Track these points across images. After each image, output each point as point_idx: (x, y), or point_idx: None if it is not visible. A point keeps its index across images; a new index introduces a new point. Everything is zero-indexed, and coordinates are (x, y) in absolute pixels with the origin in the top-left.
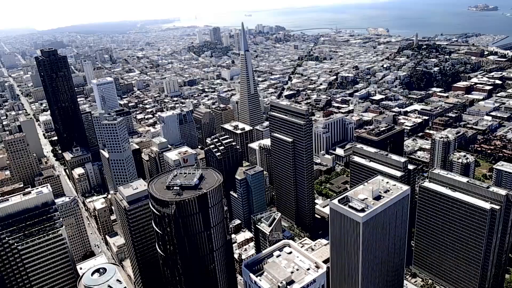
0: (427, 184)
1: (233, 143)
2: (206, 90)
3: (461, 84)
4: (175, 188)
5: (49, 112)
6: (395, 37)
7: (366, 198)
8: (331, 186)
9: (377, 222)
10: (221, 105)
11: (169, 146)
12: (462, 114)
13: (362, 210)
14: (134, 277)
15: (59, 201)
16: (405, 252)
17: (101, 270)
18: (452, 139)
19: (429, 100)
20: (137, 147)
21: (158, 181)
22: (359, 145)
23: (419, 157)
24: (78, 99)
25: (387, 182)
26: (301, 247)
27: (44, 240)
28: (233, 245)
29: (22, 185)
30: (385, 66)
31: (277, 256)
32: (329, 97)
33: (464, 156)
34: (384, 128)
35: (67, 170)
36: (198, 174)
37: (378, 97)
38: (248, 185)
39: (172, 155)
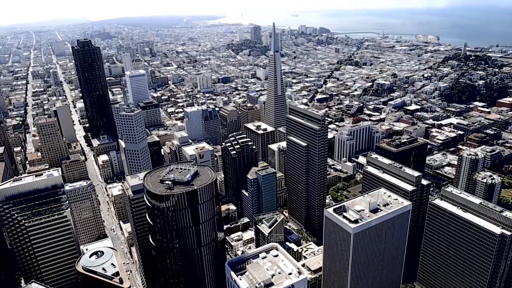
0: (438, 201)
1: (249, 143)
2: (239, 88)
3: (508, 100)
4: (167, 182)
5: None
6: (444, 45)
7: (363, 210)
8: (347, 193)
9: (370, 235)
10: (249, 104)
11: (190, 141)
12: (502, 132)
13: (356, 221)
14: (138, 262)
15: (77, 184)
16: (402, 268)
17: (99, 253)
18: (481, 157)
19: (468, 115)
20: (157, 139)
21: (155, 174)
22: (374, 155)
23: (445, 172)
24: (115, 89)
25: (389, 196)
26: (305, 251)
27: (50, 219)
28: (239, 242)
29: (47, 167)
30: (425, 75)
31: (263, 258)
32: (362, 104)
33: (490, 176)
34: (405, 140)
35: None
36: (192, 170)
37: (413, 107)
38: (259, 185)
39: (190, 150)
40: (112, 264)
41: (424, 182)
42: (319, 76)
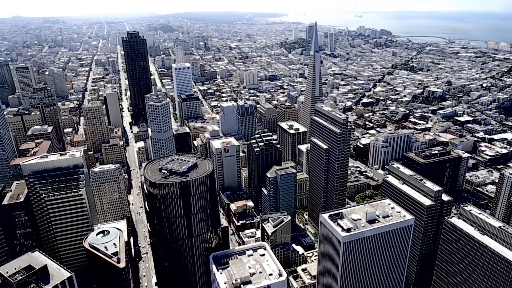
0: (455, 220)
1: (274, 141)
2: (285, 87)
3: None
4: (164, 171)
5: None
6: None
7: (359, 219)
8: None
9: (363, 245)
10: (287, 103)
11: (222, 135)
12: None
13: (348, 230)
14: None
15: (105, 167)
16: (402, 284)
17: (105, 232)
18: None
19: None
20: (187, 130)
21: (157, 163)
22: (396, 165)
23: (487, 191)
24: (165, 80)
25: (392, 208)
26: (314, 256)
27: (67, 196)
28: (252, 238)
29: (85, 148)
30: (484, 85)
31: (249, 256)
32: (408, 111)
33: None
34: (435, 152)
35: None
36: (191, 162)
37: (464, 118)
38: (277, 184)
39: (217, 143)
40: (114, 244)
41: (446, 198)
42: (369, 80)
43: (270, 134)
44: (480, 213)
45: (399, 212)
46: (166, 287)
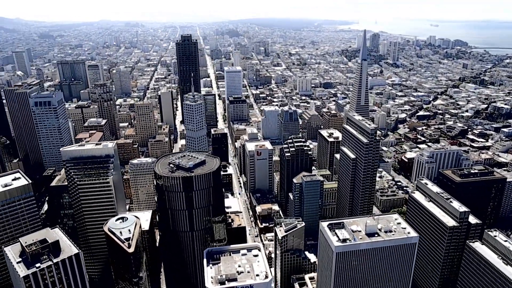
0: (477, 245)
1: (305, 147)
2: (338, 95)
3: None
4: (171, 165)
5: None
6: None
7: (359, 231)
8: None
9: (358, 258)
10: (333, 111)
11: (260, 137)
12: None
13: (343, 241)
14: None
15: (143, 160)
16: None
17: (124, 218)
18: None
19: None
20: (225, 132)
21: (169, 158)
22: (425, 181)
23: None
24: (220, 83)
25: (399, 223)
26: None
27: (95, 182)
28: (272, 242)
29: (131, 141)
30: None
31: (242, 255)
32: (467, 127)
33: None
34: (476, 171)
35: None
36: (199, 159)
37: None
38: (302, 191)
39: (251, 146)
40: (129, 230)
41: (473, 220)
42: (430, 92)
43: (303, 140)
44: (506, 240)
45: (404, 228)
46: (170, 277)
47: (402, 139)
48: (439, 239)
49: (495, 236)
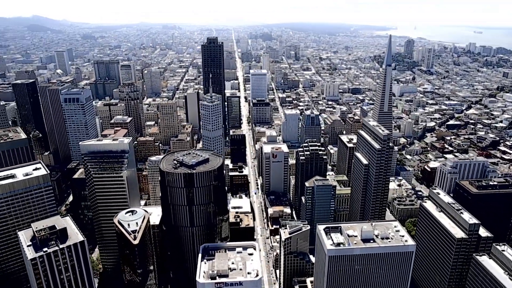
0: (483, 259)
1: (320, 151)
2: (366, 100)
3: None
4: (175, 162)
5: None
6: None
7: (355, 236)
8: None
9: (351, 263)
10: (356, 117)
11: (279, 140)
12: None
13: (337, 245)
14: None
15: (161, 157)
16: None
17: (134, 212)
18: None
19: None
20: (243, 133)
21: (174, 154)
22: (437, 190)
23: None
24: (247, 85)
25: (397, 231)
26: None
27: (110, 176)
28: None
29: (152, 139)
30: None
31: (238, 252)
32: (499, 138)
33: None
34: (495, 183)
35: None
36: (202, 157)
37: None
38: (313, 194)
39: (267, 148)
40: (137, 223)
41: (484, 233)
42: (463, 101)
43: (318, 144)
44: None
45: (402, 236)
46: (167, 269)
47: (428, 148)
48: (447, 251)
49: (503, 250)
